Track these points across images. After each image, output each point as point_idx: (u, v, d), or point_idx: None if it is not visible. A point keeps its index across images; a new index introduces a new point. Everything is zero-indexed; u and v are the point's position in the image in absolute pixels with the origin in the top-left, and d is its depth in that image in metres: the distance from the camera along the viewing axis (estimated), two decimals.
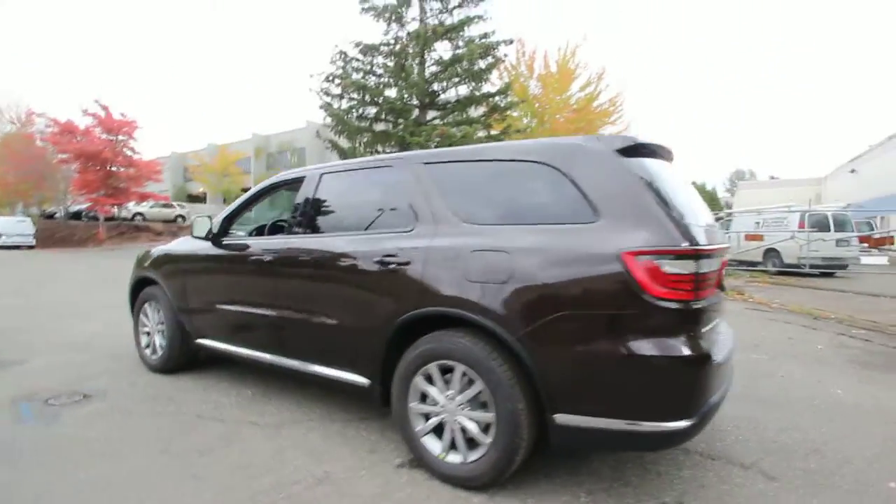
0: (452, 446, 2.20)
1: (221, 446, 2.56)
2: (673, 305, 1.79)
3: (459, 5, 18.11)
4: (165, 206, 26.71)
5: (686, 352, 1.79)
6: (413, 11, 18.60)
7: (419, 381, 2.27)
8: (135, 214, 24.18)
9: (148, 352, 3.85)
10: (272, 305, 2.88)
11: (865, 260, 11.71)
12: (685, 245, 1.80)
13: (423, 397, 2.30)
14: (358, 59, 18.81)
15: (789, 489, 2.21)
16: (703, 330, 1.88)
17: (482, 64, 17.29)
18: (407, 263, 2.29)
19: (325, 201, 2.87)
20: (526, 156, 2.19)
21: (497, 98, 17.72)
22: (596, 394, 1.88)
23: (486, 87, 18.19)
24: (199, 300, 3.39)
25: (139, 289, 3.97)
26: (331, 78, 18.00)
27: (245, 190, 35.70)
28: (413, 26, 18.55)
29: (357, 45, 18.63)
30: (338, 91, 18.49)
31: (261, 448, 2.54)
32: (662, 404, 1.82)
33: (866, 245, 13.27)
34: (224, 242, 3.32)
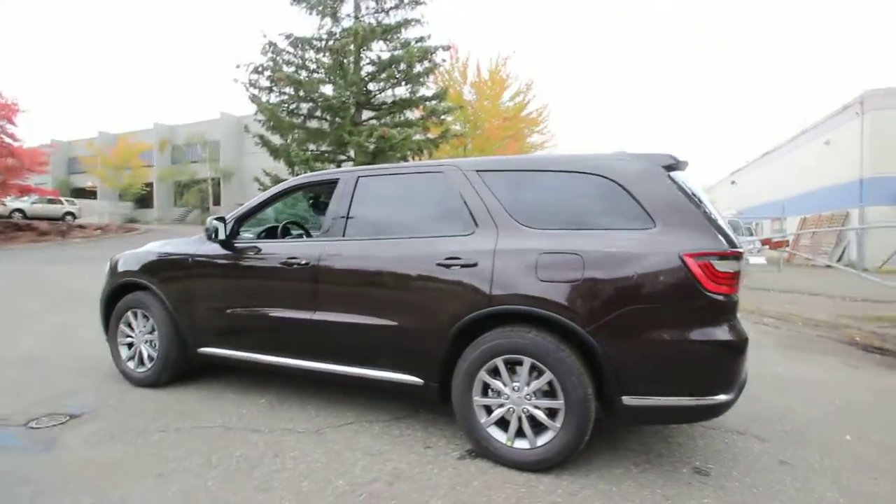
0: (517, 434, 2.38)
1: (271, 456, 2.48)
2: (721, 298, 2.15)
3: (396, 7, 18.14)
4: (51, 201, 23.15)
5: (732, 336, 2.16)
6: (347, 7, 18.28)
7: (483, 375, 2.42)
8: (12, 211, 20.71)
9: (131, 365, 3.51)
10: (310, 310, 2.83)
11: (751, 260, 13.80)
12: (729, 248, 2.17)
13: (485, 391, 2.46)
14: (289, 52, 18.03)
15: (778, 447, 2.70)
16: (738, 317, 2.27)
17: (419, 67, 17.48)
18: (473, 265, 2.43)
19: (365, 204, 2.88)
20: (584, 168, 2.44)
21: (433, 102, 18.02)
22: (658, 376, 2.18)
23: (423, 91, 18.44)
24: (209, 306, 3.18)
25: (117, 296, 3.59)
26: (260, 69, 17.06)
27: (149, 185, 32.37)
28: (347, 23, 18.21)
29: (287, 37, 17.85)
30: (267, 84, 17.60)
31: (315, 453, 2.51)
32: (713, 381, 2.17)
33: (766, 247, 15.61)
34: (238, 245, 3.16)
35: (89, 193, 33.45)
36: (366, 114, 19.02)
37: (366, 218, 2.88)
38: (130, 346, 3.55)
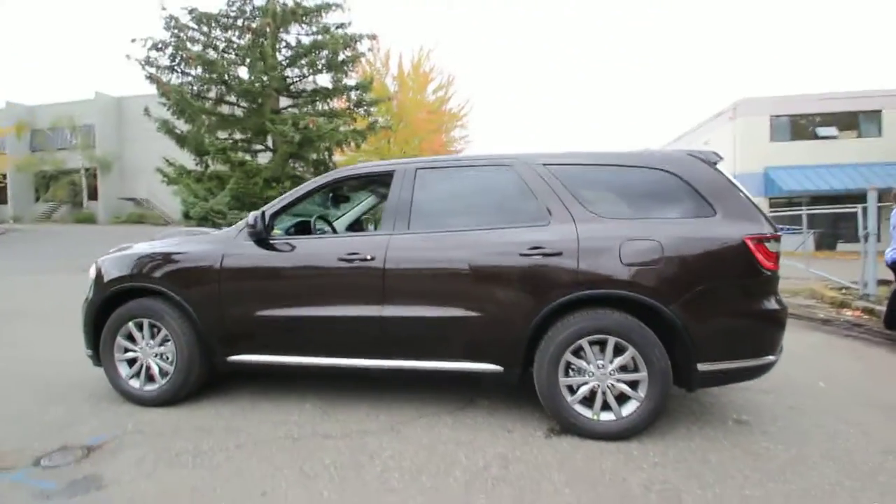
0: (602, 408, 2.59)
1: (366, 458, 2.39)
2: (771, 274, 2.55)
3: None
4: None
5: (779, 305, 2.57)
6: None
7: (568, 356, 2.58)
8: None
9: (136, 383, 3.07)
10: (377, 305, 2.74)
11: None
12: (774, 231, 2.58)
13: (567, 371, 2.62)
14: (192, 28, 16.26)
15: (780, 396, 3.24)
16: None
17: (343, 56, 16.84)
18: (558, 254, 2.56)
19: (428, 197, 2.85)
20: (647, 163, 2.70)
21: (358, 92, 17.51)
22: (726, 343, 2.52)
23: (346, 81, 17.79)
24: (248, 310, 2.89)
25: (109, 307, 3.09)
26: (160, 46, 15.15)
27: (3, 176, 26.89)
28: (260, 1, 16.91)
29: (191, 11, 16.09)
30: (168, 62, 15.71)
31: (407, 450, 2.47)
32: (765, 344, 2.56)
33: None
34: (281, 241, 2.93)
35: None
36: (283, 101, 17.89)
37: (431, 210, 2.85)
38: (132, 362, 3.10)
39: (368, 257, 2.75)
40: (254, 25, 15.27)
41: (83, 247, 19.29)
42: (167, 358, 3.04)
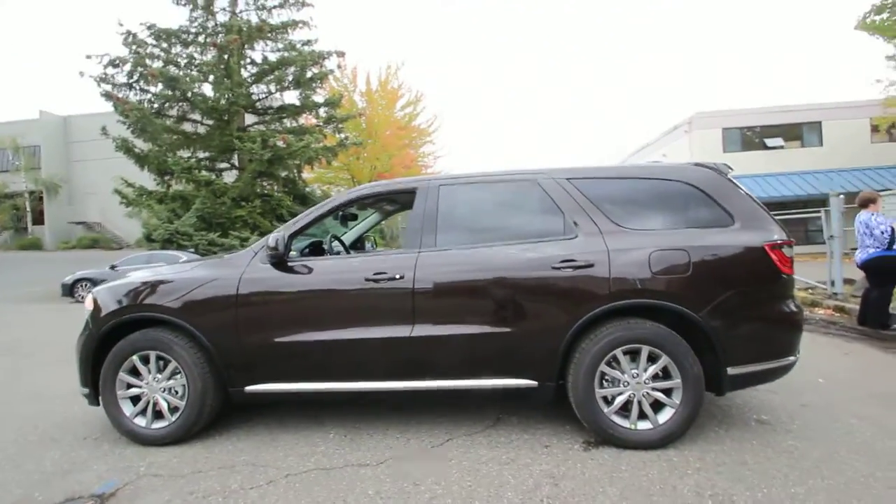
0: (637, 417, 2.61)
1: (411, 486, 2.30)
2: (787, 277, 2.67)
3: (280, 5, 17.10)
4: None
5: (797, 308, 2.69)
6: (222, 0, 16.61)
7: (603, 367, 2.60)
8: None
9: (141, 421, 2.84)
10: (407, 325, 2.67)
11: None
12: (788, 237, 2.71)
13: (602, 382, 2.63)
14: (152, 45, 15.74)
15: (789, 396, 3.36)
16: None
17: (311, 73, 16.69)
18: (590, 265, 2.59)
19: (453, 213, 2.82)
20: (667, 175, 2.79)
21: (327, 108, 17.36)
22: (753, 346, 2.61)
23: (314, 97, 17.59)
24: (268, 336, 2.74)
25: (108, 340, 2.87)
26: (118, 63, 14.54)
27: None
28: (223, 17, 16.60)
29: (149, 27, 15.61)
30: (125, 79, 15.09)
31: (451, 474, 2.40)
32: (787, 345, 2.67)
33: None
34: (299, 263, 2.82)
35: None
36: (249, 119, 17.50)
37: (457, 227, 2.82)
38: (136, 399, 2.87)
39: (397, 276, 2.68)
40: (218, 42, 14.89)
41: (30, 275, 17.96)
42: (176, 392, 2.84)
